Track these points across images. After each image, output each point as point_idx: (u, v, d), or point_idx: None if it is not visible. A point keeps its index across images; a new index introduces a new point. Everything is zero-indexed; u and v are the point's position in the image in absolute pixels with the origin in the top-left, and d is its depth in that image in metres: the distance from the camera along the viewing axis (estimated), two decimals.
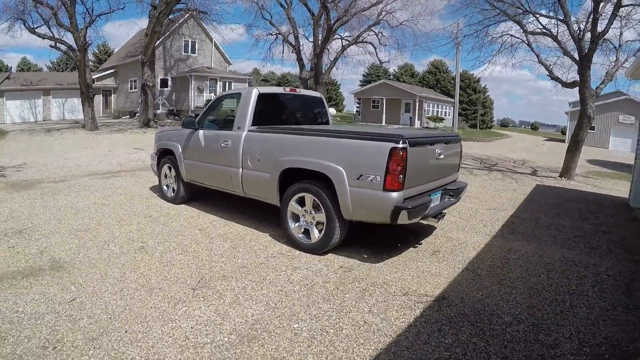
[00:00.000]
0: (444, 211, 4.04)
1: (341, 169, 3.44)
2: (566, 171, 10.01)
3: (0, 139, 14.87)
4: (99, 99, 28.05)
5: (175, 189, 5.50)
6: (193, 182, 5.23)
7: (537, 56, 10.74)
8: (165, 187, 5.70)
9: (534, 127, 61.94)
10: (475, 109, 42.68)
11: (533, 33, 10.55)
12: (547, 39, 10.46)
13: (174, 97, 27.07)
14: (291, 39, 21.85)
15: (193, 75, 25.72)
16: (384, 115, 31.99)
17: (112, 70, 29.44)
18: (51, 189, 6.25)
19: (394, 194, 3.21)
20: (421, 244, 4.21)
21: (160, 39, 24.35)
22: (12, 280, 3.10)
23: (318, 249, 3.73)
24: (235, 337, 2.45)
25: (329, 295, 2.99)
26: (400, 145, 3.18)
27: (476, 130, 37.50)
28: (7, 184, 6.61)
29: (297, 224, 3.91)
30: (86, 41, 16.71)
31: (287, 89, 5.00)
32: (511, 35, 11.05)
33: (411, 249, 4.04)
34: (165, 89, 26.67)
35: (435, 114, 33.17)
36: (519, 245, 4.32)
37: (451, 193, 4.14)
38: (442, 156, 3.80)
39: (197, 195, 5.63)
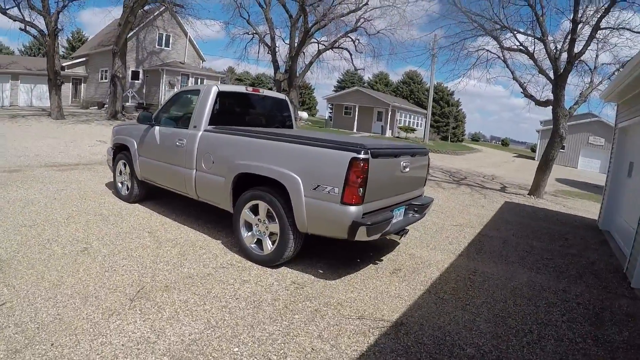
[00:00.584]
0: (407, 227, 3.89)
1: (297, 177, 3.20)
2: (536, 189, 10.15)
3: None
4: (68, 88, 26.65)
5: (130, 186, 5.10)
6: (147, 181, 4.85)
7: (512, 73, 10.87)
8: (119, 184, 5.28)
9: (505, 143, 63.75)
10: (447, 121, 43.63)
11: (509, 49, 10.65)
12: (523, 56, 10.61)
13: (144, 91, 26.11)
14: (267, 39, 21.62)
15: (165, 70, 24.95)
16: (355, 123, 32.15)
17: (84, 59, 28.08)
18: (3, 179, 5.69)
19: (352, 208, 3.00)
20: (382, 260, 4.02)
21: (134, 30, 23.50)
22: None
23: (270, 262, 3.47)
24: (167, 359, 2.15)
25: (277, 315, 2.72)
26: (362, 156, 2.97)
27: (447, 142, 38.32)
28: None
29: (249, 233, 3.64)
30: (57, 26, 15.74)
31: (250, 89, 4.73)
32: (487, 50, 11.14)
33: (371, 265, 3.84)
34: (136, 81, 25.67)
35: (407, 124, 33.64)
36: (486, 266, 4.22)
37: (416, 209, 3.98)
38: (407, 169, 3.64)
39: (152, 194, 5.25)
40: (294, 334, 2.53)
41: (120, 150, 5.22)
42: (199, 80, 27.53)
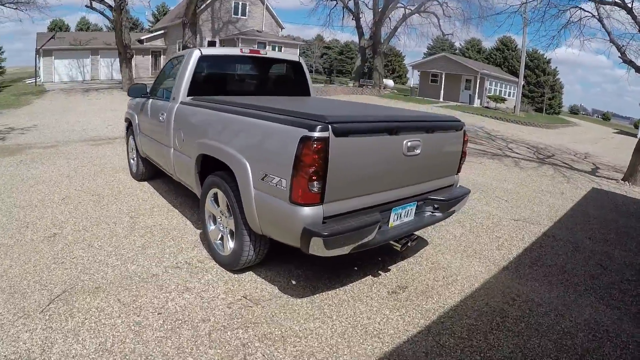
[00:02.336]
0: (415, 233, 2.91)
1: (246, 162, 2.44)
2: (631, 174, 7.82)
3: (36, 98, 15.64)
4: (148, 60, 28.81)
5: (136, 164, 4.91)
6: (148, 159, 4.56)
7: (609, 34, 8.86)
8: (131, 161, 5.13)
9: (606, 118, 53.55)
10: (542, 91, 37.76)
11: (603, 2, 8.63)
12: (621, 16, 8.61)
13: None
14: (351, 5, 20.27)
15: (240, 39, 25.18)
16: (442, 91, 29.08)
17: (162, 32, 29.68)
18: (35, 155, 6.03)
19: (305, 210, 2.13)
20: (389, 270, 3.10)
21: (208, 1, 23.99)
22: None
23: (229, 265, 2.83)
24: None
25: (189, 346, 2.09)
26: (316, 134, 2.05)
27: (541, 114, 33.05)
28: None
29: (214, 227, 3.03)
30: (123, 1, 16.73)
31: (247, 50, 3.97)
32: (580, 8, 9.34)
33: (369, 277, 2.95)
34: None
35: (497, 94, 29.53)
36: (535, 289, 3.00)
37: (436, 205, 2.92)
38: (417, 151, 2.58)
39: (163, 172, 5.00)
40: None
41: (130, 125, 5.04)
42: (277, 48, 27.39)
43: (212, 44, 26.29)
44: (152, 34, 30.39)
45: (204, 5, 24.90)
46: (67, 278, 2.67)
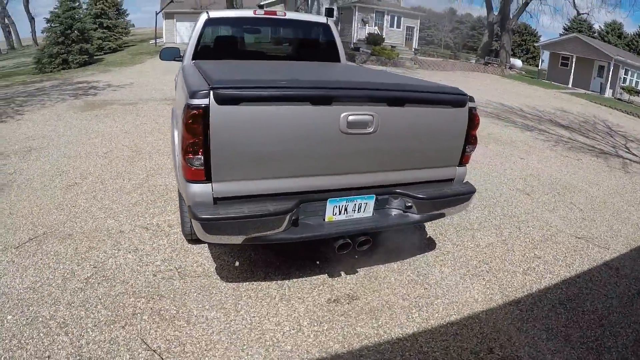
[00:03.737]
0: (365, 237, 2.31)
1: (174, 129, 2.37)
2: None
3: (149, 58, 17.45)
4: None
5: None
6: None
7: None
8: None
9: None
10: None
11: None
12: None
13: (339, 28, 26.70)
14: None
15: (357, 6, 24.59)
16: (571, 76, 23.89)
17: None
18: (111, 111, 6.94)
19: (192, 187, 1.92)
20: (356, 272, 2.66)
21: None
22: None
23: (185, 235, 2.81)
24: None
25: (93, 302, 2.18)
26: (194, 102, 1.78)
27: None
28: (85, 103, 7.66)
29: None
30: None
31: (261, 12, 3.72)
32: None
33: (324, 276, 2.60)
34: (330, 18, 26.47)
35: (633, 85, 22.62)
36: (532, 342, 2.20)
37: (408, 203, 2.35)
38: (369, 129, 2.04)
39: None
40: None
41: None
42: (395, 17, 26.09)
43: (329, 11, 26.23)
44: (267, 1, 31.96)
45: None
46: (54, 223, 3.05)
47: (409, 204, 2.32)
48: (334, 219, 2.19)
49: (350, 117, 1.99)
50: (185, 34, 28.80)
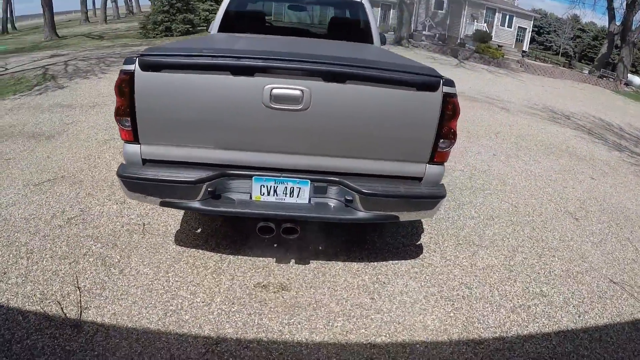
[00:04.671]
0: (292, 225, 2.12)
1: None
2: None
3: None
4: (376, 12, 29.90)
5: None
6: None
7: None
8: None
9: None
10: None
11: None
12: None
13: (448, 22, 25.13)
14: None
15: (467, 1, 22.75)
16: None
17: None
18: None
19: (126, 147, 2.01)
20: (307, 263, 2.51)
21: None
22: None
23: None
24: None
25: (63, 238, 2.51)
26: (124, 67, 1.86)
27: None
28: None
29: None
30: None
31: None
32: None
33: (271, 260, 2.51)
34: (440, 11, 25.24)
35: None
36: None
37: (348, 197, 2.06)
38: (299, 105, 1.85)
39: None
40: None
41: None
42: (506, 16, 23.69)
43: (439, 3, 24.95)
44: None
45: None
46: (75, 169, 3.53)
47: (350, 198, 2.07)
48: (261, 199, 2.07)
49: (275, 91, 1.84)
50: None
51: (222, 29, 3.58)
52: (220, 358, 1.81)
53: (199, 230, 2.76)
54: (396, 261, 2.64)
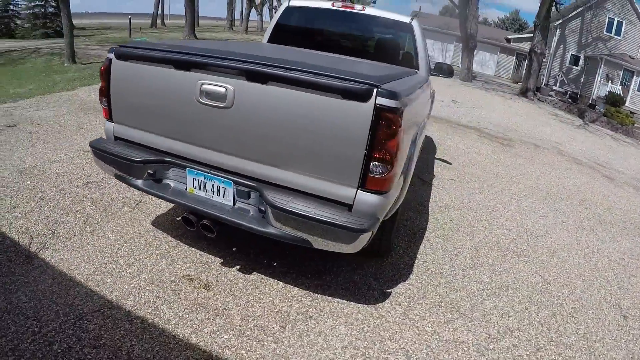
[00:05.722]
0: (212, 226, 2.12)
1: None
2: None
3: None
4: (511, 60, 27.92)
5: None
6: None
7: None
8: None
9: None
10: None
11: None
12: None
13: (582, 79, 22.08)
14: None
15: (604, 59, 20.12)
16: None
17: (531, 35, 27.34)
18: None
19: (106, 124, 2.32)
20: (259, 267, 2.44)
21: (580, 9, 20.53)
22: None
23: None
24: None
25: (59, 188, 3.00)
26: (107, 55, 2.18)
27: None
28: None
29: None
30: None
31: (339, 4, 3.64)
32: None
33: (220, 259, 2.52)
34: (574, 67, 22.45)
35: None
36: None
37: (262, 207, 1.97)
38: (223, 102, 1.87)
39: None
40: None
41: None
42: None
43: (575, 58, 22.17)
44: (520, 35, 29.24)
45: (573, 14, 21.20)
46: None
47: (263, 208, 1.96)
48: (194, 192, 2.13)
49: (205, 86, 1.90)
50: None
51: (271, 40, 3.82)
52: (102, 320, 1.89)
53: (178, 218, 2.95)
54: (345, 301, 2.34)
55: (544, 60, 17.91)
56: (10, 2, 23.43)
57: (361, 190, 1.82)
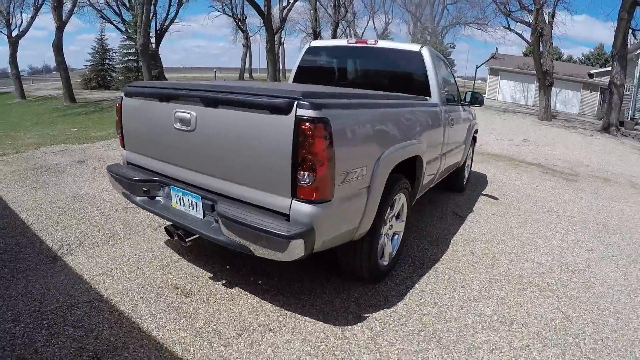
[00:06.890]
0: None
1: None
2: None
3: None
4: (595, 96, 25.79)
5: None
6: None
7: None
8: None
9: None
10: None
11: None
12: None
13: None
14: None
15: None
16: None
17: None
18: None
19: (123, 151, 2.81)
20: (250, 278, 2.60)
21: None
22: None
23: None
24: None
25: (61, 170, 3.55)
26: (121, 94, 2.70)
27: None
28: None
29: None
30: (540, 25, 15.74)
31: (353, 41, 3.91)
32: None
33: (208, 271, 2.74)
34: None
35: None
36: None
37: (216, 218, 2.14)
38: (188, 127, 2.18)
39: None
40: None
41: None
42: None
43: None
44: (603, 69, 26.13)
45: None
46: None
47: (216, 219, 2.14)
48: (177, 207, 2.43)
49: (177, 114, 2.26)
50: (507, 92, 29.16)
51: (295, 79, 4.21)
52: (89, 309, 2.22)
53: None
54: (313, 320, 2.31)
55: (626, 92, 15.75)
56: (106, 57, 26.44)
57: (295, 200, 1.91)
